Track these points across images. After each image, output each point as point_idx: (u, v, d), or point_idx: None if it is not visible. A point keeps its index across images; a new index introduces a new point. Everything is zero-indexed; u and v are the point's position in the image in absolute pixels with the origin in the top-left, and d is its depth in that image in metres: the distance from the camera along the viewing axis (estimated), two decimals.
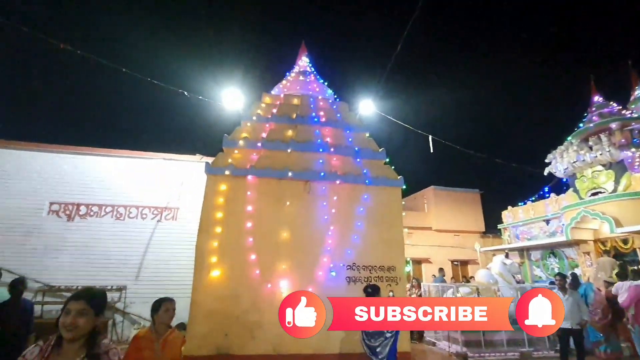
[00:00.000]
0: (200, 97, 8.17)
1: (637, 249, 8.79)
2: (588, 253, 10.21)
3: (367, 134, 7.03)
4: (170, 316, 2.61)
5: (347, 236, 5.69)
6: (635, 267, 6.72)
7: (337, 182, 5.92)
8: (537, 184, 12.88)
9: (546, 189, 12.65)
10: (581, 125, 11.70)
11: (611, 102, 11.66)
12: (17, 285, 3.87)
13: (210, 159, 6.40)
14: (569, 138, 11.63)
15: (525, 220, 13.15)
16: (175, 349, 2.55)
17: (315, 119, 6.80)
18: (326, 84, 8.52)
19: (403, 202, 6.60)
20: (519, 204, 13.74)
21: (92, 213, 8.49)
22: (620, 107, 11.53)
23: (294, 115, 6.79)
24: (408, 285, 9.35)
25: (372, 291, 4.02)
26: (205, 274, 5.18)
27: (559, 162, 11.09)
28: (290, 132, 6.53)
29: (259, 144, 6.19)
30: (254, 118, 6.74)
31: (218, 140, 6.35)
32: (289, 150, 6.20)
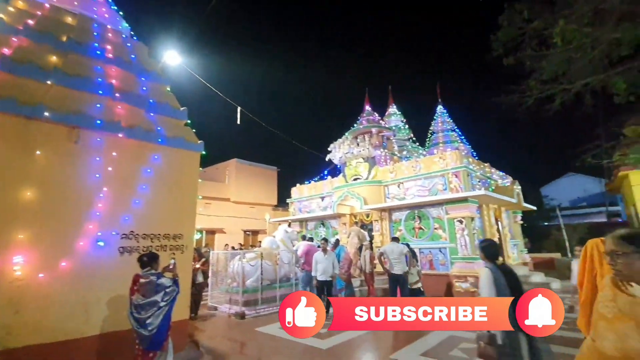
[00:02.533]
0: None
1: (374, 221, 12.16)
2: (345, 223, 13.29)
3: (168, 88, 6.19)
4: None
5: (126, 200, 4.85)
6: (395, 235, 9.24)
7: (120, 135, 4.90)
8: (322, 166, 15.34)
9: (326, 172, 15.41)
10: (355, 125, 14.96)
11: (375, 113, 15.47)
12: None
13: None
14: (347, 134, 14.59)
15: (307, 197, 15.60)
16: None
17: (98, 52, 5.33)
18: (122, 14, 6.85)
19: (202, 170, 6.29)
20: (306, 182, 16.11)
21: None
22: (380, 118, 15.51)
23: (64, 38, 5.07)
24: None
25: (147, 259, 3.59)
26: None
27: (337, 152, 13.71)
28: (54, 58, 4.84)
29: None
30: None
31: None
32: (48, 82, 4.58)
